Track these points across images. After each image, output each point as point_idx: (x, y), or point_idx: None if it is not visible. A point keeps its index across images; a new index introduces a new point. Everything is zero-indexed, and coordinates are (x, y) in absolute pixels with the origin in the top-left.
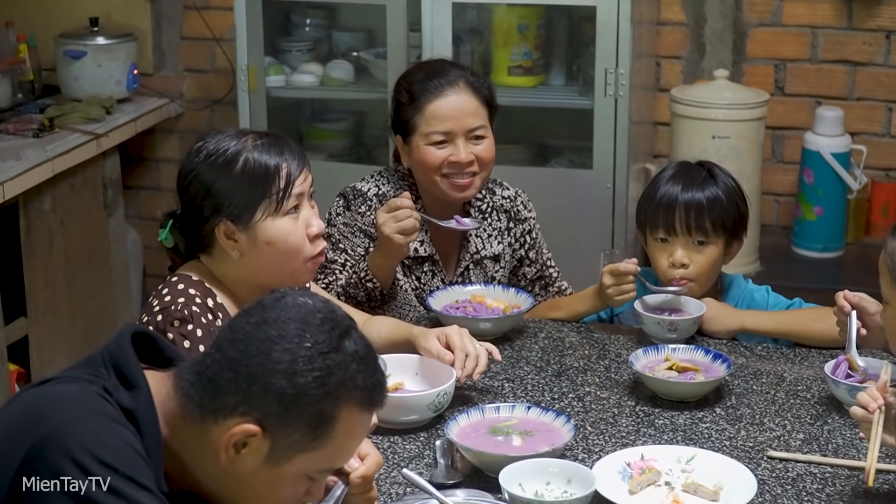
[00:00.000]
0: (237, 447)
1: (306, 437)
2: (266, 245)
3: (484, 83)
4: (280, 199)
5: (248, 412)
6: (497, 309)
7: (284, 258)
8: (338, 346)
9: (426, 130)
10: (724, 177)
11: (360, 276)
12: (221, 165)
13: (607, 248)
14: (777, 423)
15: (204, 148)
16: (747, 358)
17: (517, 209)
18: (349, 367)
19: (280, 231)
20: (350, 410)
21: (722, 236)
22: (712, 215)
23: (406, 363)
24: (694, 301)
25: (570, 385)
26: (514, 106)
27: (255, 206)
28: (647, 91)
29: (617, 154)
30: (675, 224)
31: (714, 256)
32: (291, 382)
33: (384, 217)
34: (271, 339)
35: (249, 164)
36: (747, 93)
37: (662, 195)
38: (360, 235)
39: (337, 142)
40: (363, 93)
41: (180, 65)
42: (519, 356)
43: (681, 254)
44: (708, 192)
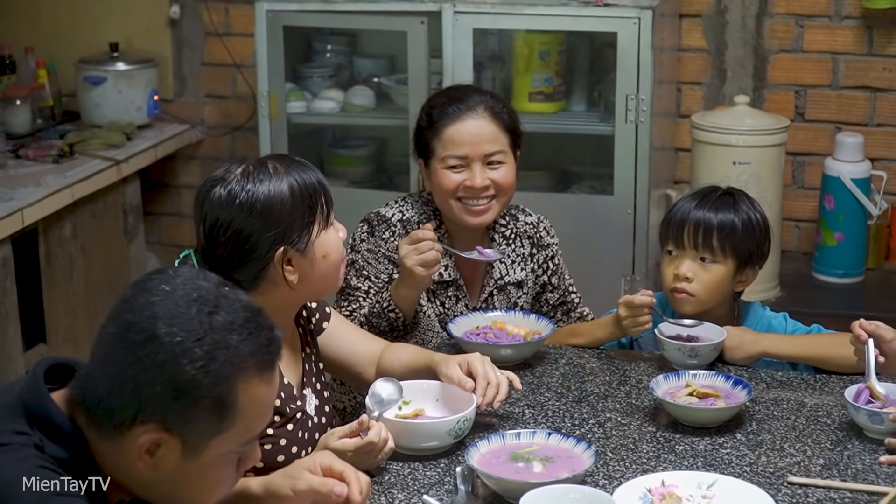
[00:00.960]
0: (150, 453)
1: (214, 423)
2: (322, 259)
3: (505, 109)
4: (326, 214)
5: (147, 419)
6: (518, 335)
7: (336, 267)
8: (210, 325)
9: (443, 154)
10: (747, 207)
11: (382, 305)
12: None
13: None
14: (797, 448)
15: (231, 188)
16: (768, 384)
17: (540, 235)
18: (229, 343)
19: (333, 241)
20: (247, 383)
21: (731, 259)
22: (721, 236)
23: (427, 390)
24: (714, 327)
25: (591, 411)
26: (535, 132)
27: (310, 226)
28: (668, 117)
29: (638, 180)
30: (683, 238)
31: (719, 277)
32: (177, 381)
33: (406, 249)
34: (142, 344)
35: (296, 189)
36: (768, 119)
37: (678, 210)
38: (384, 262)
39: (358, 168)
40: (384, 119)
41: (201, 91)
42: (540, 382)
43: (686, 267)
44: (722, 216)
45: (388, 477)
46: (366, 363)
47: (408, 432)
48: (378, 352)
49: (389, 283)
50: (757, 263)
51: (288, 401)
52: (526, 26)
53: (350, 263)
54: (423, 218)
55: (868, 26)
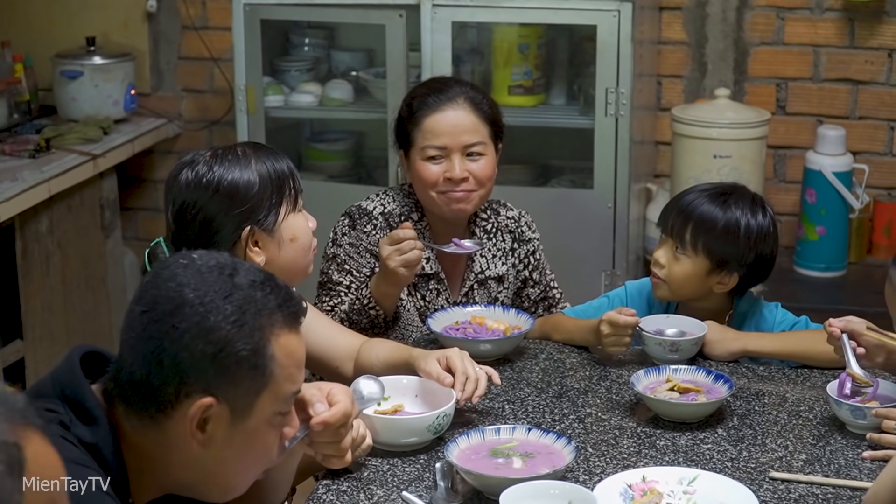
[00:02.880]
0: (201, 427)
1: (255, 380)
2: (290, 242)
3: (485, 100)
4: (295, 197)
5: (191, 391)
6: (497, 330)
7: (304, 252)
8: (234, 284)
9: (422, 144)
10: (742, 213)
11: (363, 302)
12: (238, 178)
13: (608, 269)
14: (779, 443)
15: (201, 172)
16: (749, 378)
17: (521, 230)
18: (255, 298)
19: (300, 226)
20: (278, 334)
21: (703, 257)
22: (695, 231)
23: (406, 385)
24: (695, 322)
25: (571, 406)
26: (514, 125)
27: (277, 208)
28: (648, 110)
29: (618, 174)
30: (667, 223)
31: (688, 271)
32: (213, 340)
33: (388, 250)
34: (172, 312)
35: (265, 171)
36: (749, 112)
37: (677, 195)
38: (365, 255)
39: (336, 162)
40: (362, 113)
41: (178, 85)
42: (519, 378)
43: (660, 252)
44: (706, 209)
45: (367, 473)
46: (344, 358)
47: (387, 428)
48: (356, 346)
49: (371, 277)
50: (736, 270)
51: None
52: (505, 19)
53: (331, 258)
54: (405, 210)
55: (850, 18)
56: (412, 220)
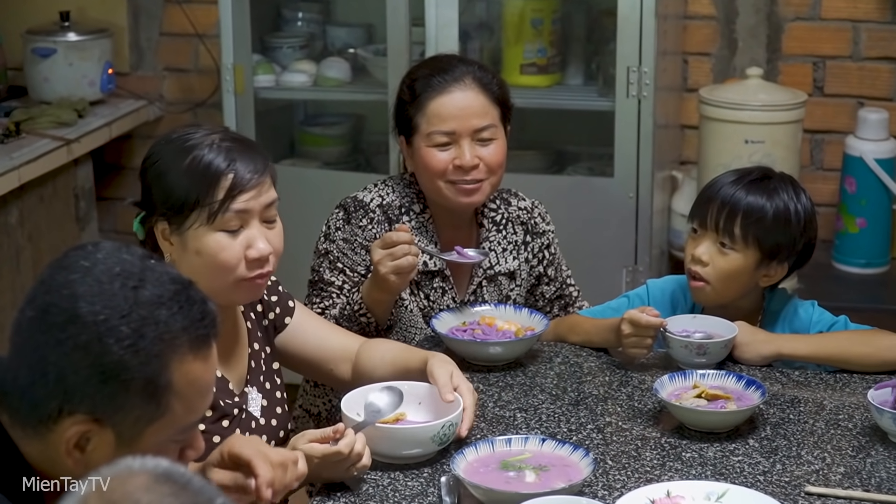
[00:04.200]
0: (80, 447)
1: (148, 408)
2: (195, 255)
3: (494, 79)
4: (214, 211)
5: (74, 409)
6: (508, 332)
7: (213, 274)
8: (136, 300)
9: (428, 130)
10: (788, 196)
11: (353, 308)
12: (174, 156)
13: (629, 265)
14: (816, 455)
15: (173, 134)
16: (783, 384)
17: (534, 221)
18: (158, 318)
19: (210, 245)
20: (181, 361)
21: (753, 250)
22: (745, 222)
23: (409, 392)
24: (724, 322)
25: (589, 415)
26: (527, 108)
27: (188, 211)
28: (674, 91)
29: (640, 161)
30: (706, 216)
31: (736, 266)
32: (104, 363)
33: (380, 254)
34: (62, 326)
35: (195, 164)
36: (783, 93)
37: (711, 185)
38: (360, 252)
39: (332, 148)
40: (361, 94)
41: (160, 64)
42: (532, 383)
43: (703, 249)
44: (752, 199)
45: (367, 488)
46: (338, 359)
47: (387, 438)
48: (353, 347)
49: (367, 276)
50: (786, 260)
51: (221, 394)
52: None
53: (323, 254)
54: (406, 202)
55: None
56: (413, 212)
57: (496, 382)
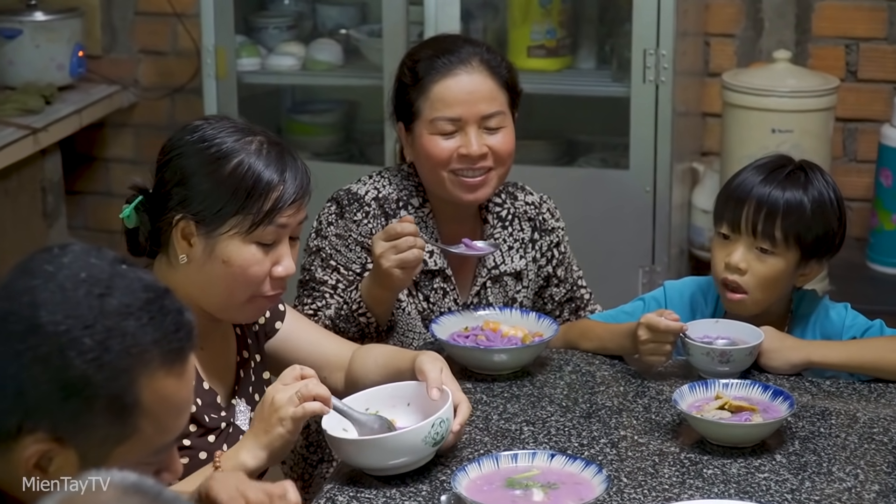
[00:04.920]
0: (41, 468)
1: (114, 428)
2: (221, 263)
3: (504, 63)
4: (257, 222)
5: (34, 426)
6: (515, 338)
7: (235, 286)
8: (102, 309)
9: (431, 116)
10: (821, 184)
11: (351, 307)
12: (211, 157)
13: (646, 265)
14: (848, 472)
15: (202, 129)
16: (813, 395)
17: (543, 217)
18: (126, 330)
19: (243, 256)
20: (151, 377)
21: (794, 250)
22: (786, 222)
23: (394, 395)
24: (749, 327)
25: (602, 428)
26: (534, 94)
27: (226, 218)
28: (694, 76)
29: (658, 152)
30: (740, 220)
31: (778, 271)
32: (65, 378)
33: (382, 247)
34: (22, 336)
35: (240, 170)
36: (813, 78)
37: (738, 184)
38: (355, 249)
39: (323, 137)
40: (354, 79)
41: (135, 46)
42: (541, 394)
43: (739, 256)
44: (790, 194)
45: None
46: (332, 368)
47: (375, 448)
48: (347, 355)
49: (362, 275)
50: (825, 255)
51: (207, 409)
52: None
53: (315, 251)
54: (404, 195)
55: None
56: (412, 206)
57: (501, 393)
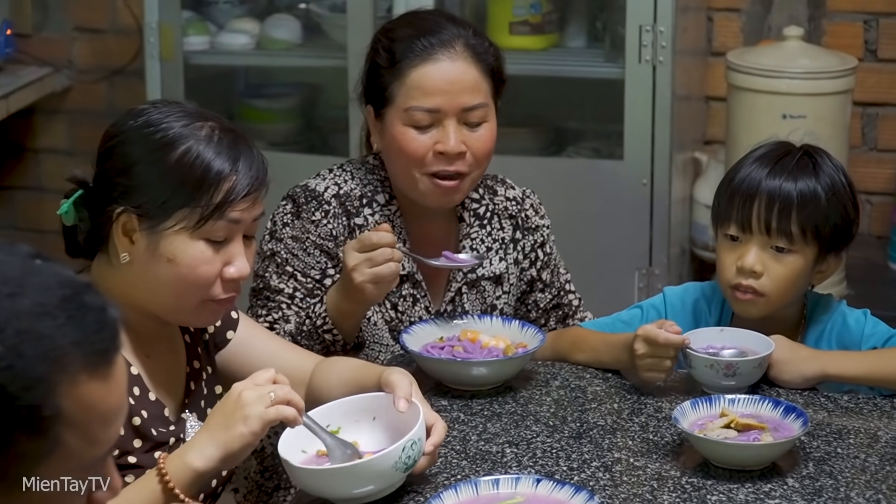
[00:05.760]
0: None
1: (33, 444)
2: (167, 262)
3: (490, 48)
4: (206, 215)
5: None
6: (496, 349)
7: (183, 288)
8: (13, 310)
9: (406, 105)
10: (831, 169)
11: (315, 322)
12: (156, 144)
13: (643, 267)
14: (869, 497)
15: (147, 113)
16: (829, 412)
17: (526, 215)
18: (41, 332)
19: (190, 254)
20: (73, 383)
21: (812, 245)
22: (802, 215)
23: (359, 408)
24: (758, 336)
25: (594, 450)
26: (518, 76)
27: (172, 211)
28: (696, 56)
29: (656, 140)
30: (751, 218)
31: (797, 270)
32: None
33: (356, 258)
34: None
35: (188, 158)
36: (828, 58)
37: (742, 179)
38: (314, 253)
39: (280, 125)
40: (315, 59)
41: (69, 23)
42: (525, 412)
43: (753, 258)
44: (802, 184)
45: None
46: (292, 383)
47: (340, 477)
48: (308, 369)
49: (322, 283)
50: (843, 246)
51: (154, 422)
52: None
53: (269, 256)
54: (368, 191)
55: None
56: (377, 203)
57: (481, 411)
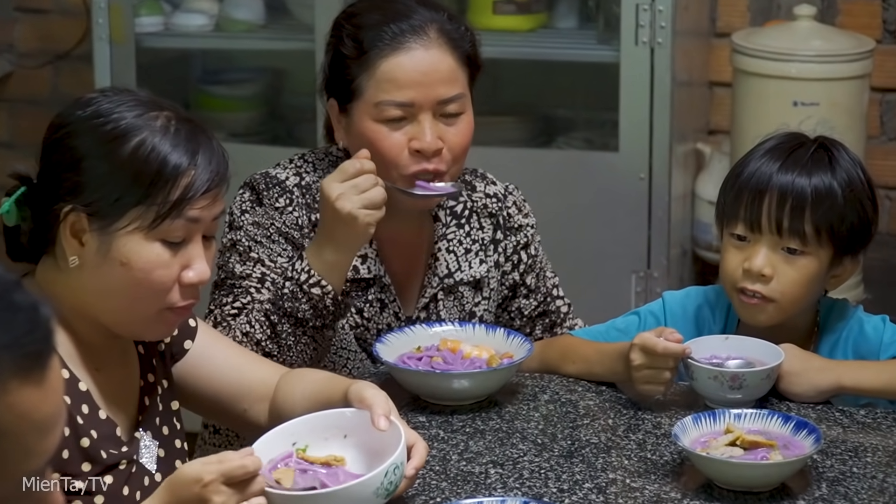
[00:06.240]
0: None
1: None
2: (119, 265)
3: (466, 34)
4: (162, 214)
5: None
6: (478, 359)
7: (138, 294)
8: None
9: (377, 99)
10: (847, 163)
11: (297, 279)
12: (107, 136)
13: (640, 269)
14: None
15: (97, 102)
16: (845, 427)
17: (508, 213)
18: None
19: (145, 256)
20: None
21: (826, 247)
22: (817, 213)
23: (329, 424)
24: (766, 345)
25: (587, 470)
26: (503, 60)
27: (125, 209)
28: (699, 37)
29: (654, 130)
30: (760, 217)
31: (809, 274)
32: None
33: (339, 188)
34: None
35: (142, 151)
36: (843, 39)
37: (751, 174)
38: (279, 241)
39: (241, 113)
40: (279, 41)
41: (9, 2)
42: (511, 428)
43: (762, 260)
44: (817, 179)
45: None
46: (255, 398)
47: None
48: (272, 382)
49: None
50: (860, 246)
51: (104, 443)
52: None
53: (229, 247)
54: None
55: None
56: None
57: (462, 428)
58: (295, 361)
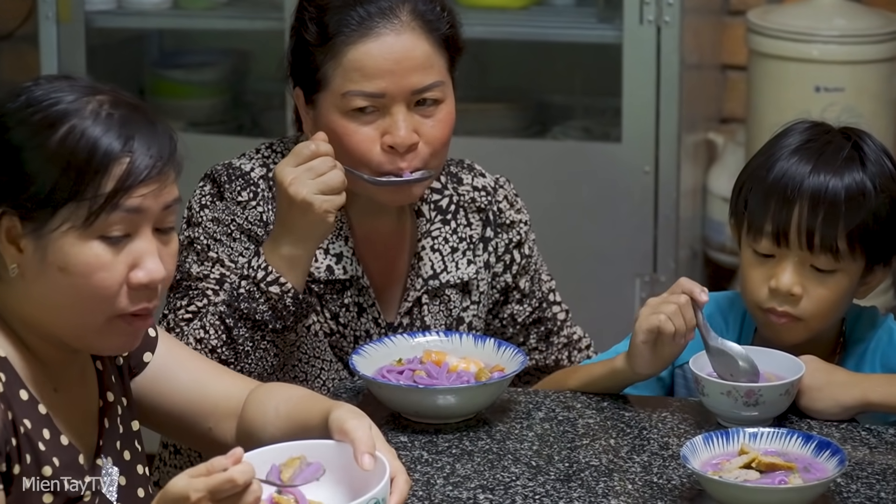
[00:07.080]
0: None
1: None
2: (58, 271)
3: (442, 14)
4: (95, 208)
5: None
6: (466, 373)
7: (79, 302)
8: None
9: (344, 89)
10: (874, 153)
11: (254, 278)
12: (37, 126)
13: (646, 272)
14: None
15: (28, 92)
16: (872, 448)
17: (498, 208)
18: None
19: (83, 259)
20: None
21: (860, 258)
22: (850, 218)
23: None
24: (785, 357)
25: (587, 495)
26: (492, 41)
27: (56, 206)
28: (711, 15)
29: (661, 118)
30: (789, 229)
31: (842, 290)
32: None
33: (293, 172)
34: None
35: (70, 139)
36: (870, 18)
37: (779, 174)
38: (241, 239)
39: (202, 100)
40: (244, 20)
41: None
42: (503, 449)
43: (790, 278)
44: (849, 179)
45: None
46: (221, 415)
47: None
48: (240, 397)
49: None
50: (893, 255)
51: (67, 472)
52: None
53: (187, 245)
54: None
55: None
56: None
57: (448, 449)
58: (254, 370)
